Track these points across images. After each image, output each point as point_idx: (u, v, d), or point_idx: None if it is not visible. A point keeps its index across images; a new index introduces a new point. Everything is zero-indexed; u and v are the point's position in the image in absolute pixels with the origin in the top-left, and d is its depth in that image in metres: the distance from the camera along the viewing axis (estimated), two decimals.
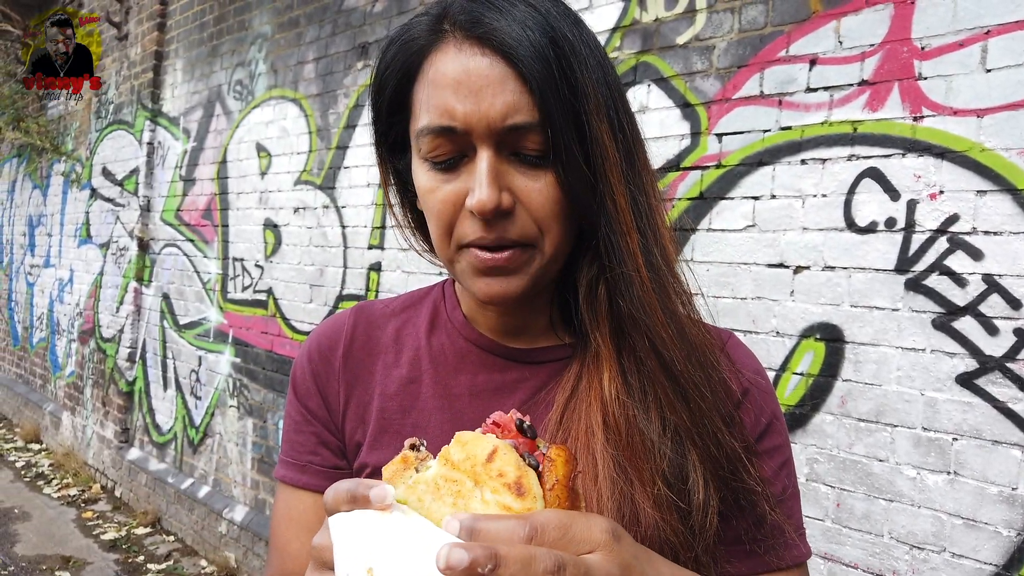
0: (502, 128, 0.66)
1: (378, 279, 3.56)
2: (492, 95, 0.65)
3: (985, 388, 1.76)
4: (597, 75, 0.69)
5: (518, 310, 0.79)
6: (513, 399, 0.78)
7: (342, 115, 3.78)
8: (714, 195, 2.28)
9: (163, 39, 5.43)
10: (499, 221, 0.68)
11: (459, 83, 0.66)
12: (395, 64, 0.72)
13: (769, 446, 0.77)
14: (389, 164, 0.81)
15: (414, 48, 0.71)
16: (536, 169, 0.68)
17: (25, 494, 5.56)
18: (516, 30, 0.65)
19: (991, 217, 1.76)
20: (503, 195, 0.67)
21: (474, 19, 0.67)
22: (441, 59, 0.68)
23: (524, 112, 0.66)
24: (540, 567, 0.45)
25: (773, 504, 0.73)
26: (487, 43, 0.66)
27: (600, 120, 0.68)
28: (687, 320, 0.73)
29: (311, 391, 0.84)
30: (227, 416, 4.50)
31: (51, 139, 7.01)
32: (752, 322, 2.18)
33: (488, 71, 0.66)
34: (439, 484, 0.51)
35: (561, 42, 0.67)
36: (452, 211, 0.70)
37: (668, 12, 2.42)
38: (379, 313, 0.88)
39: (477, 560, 0.44)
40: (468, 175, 0.68)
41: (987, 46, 1.77)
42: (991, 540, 1.74)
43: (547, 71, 0.65)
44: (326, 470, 0.83)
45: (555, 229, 0.70)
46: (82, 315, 6.25)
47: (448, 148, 0.68)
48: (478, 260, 0.70)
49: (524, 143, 0.67)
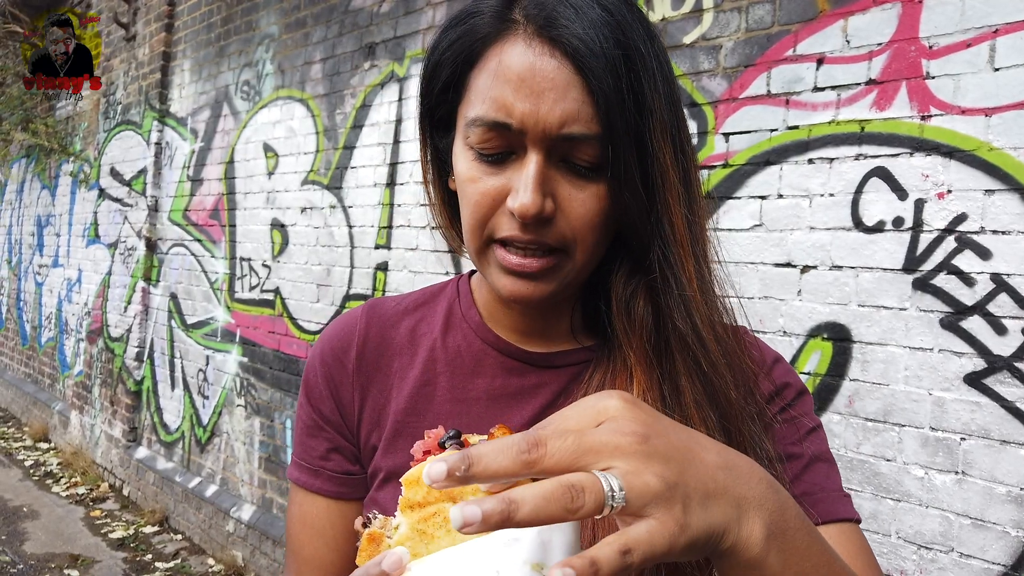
0: (557, 135, 0.64)
1: (385, 279, 3.57)
2: (553, 100, 0.63)
3: (993, 388, 1.75)
4: (664, 91, 0.67)
5: (539, 312, 0.78)
6: (532, 404, 0.77)
7: (349, 115, 3.79)
8: (721, 194, 2.28)
9: (171, 40, 5.45)
10: (537, 225, 0.66)
11: (522, 80, 0.64)
12: (456, 47, 0.69)
13: (793, 415, 0.76)
14: (430, 141, 0.79)
15: (479, 34, 0.68)
16: (583, 179, 0.66)
17: (34, 493, 5.59)
18: (591, 36, 0.62)
19: (999, 216, 1.76)
20: (547, 201, 0.65)
21: (548, 16, 0.64)
22: (508, 51, 0.65)
23: (582, 123, 0.64)
24: (512, 450, 0.42)
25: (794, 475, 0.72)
26: (558, 45, 0.63)
27: (664, 140, 0.66)
28: (738, 346, 0.72)
29: (324, 395, 0.82)
30: (234, 415, 4.52)
31: (59, 140, 7.05)
32: (759, 322, 2.17)
33: (554, 74, 0.63)
34: (420, 529, 0.49)
35: (634, 55, 0.64)
36: (491, 204, 0.68)
37: (675, 11, 2.42)
38: (391, 311, 0.85)
39: (453, 465, 0.42)
40: (513, 173, 0.67)
41: (995, 45, 1.77)
42: (999, 540, 1.73)
43: (616, 84, 0.63)
44: (339, 476, 0.82)
45: (589, 239, 0.68)
46: (90, 315, 6.28)
47: (498, 143, 0.67)
48: (506, 262, 0.69)
49: (577, 153, 0.65)
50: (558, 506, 0.41)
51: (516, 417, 0.76)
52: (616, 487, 0.42)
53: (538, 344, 0.79)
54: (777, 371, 0.79)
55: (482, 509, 0.40)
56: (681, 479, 0.44)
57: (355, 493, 0.82)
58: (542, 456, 0.43)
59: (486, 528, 0.40)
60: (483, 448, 0.43)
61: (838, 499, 0.72)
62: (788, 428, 0.75)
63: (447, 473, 0.42)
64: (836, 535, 0.69)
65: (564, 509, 0.41)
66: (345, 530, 0.83)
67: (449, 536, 0.48)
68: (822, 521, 0.70)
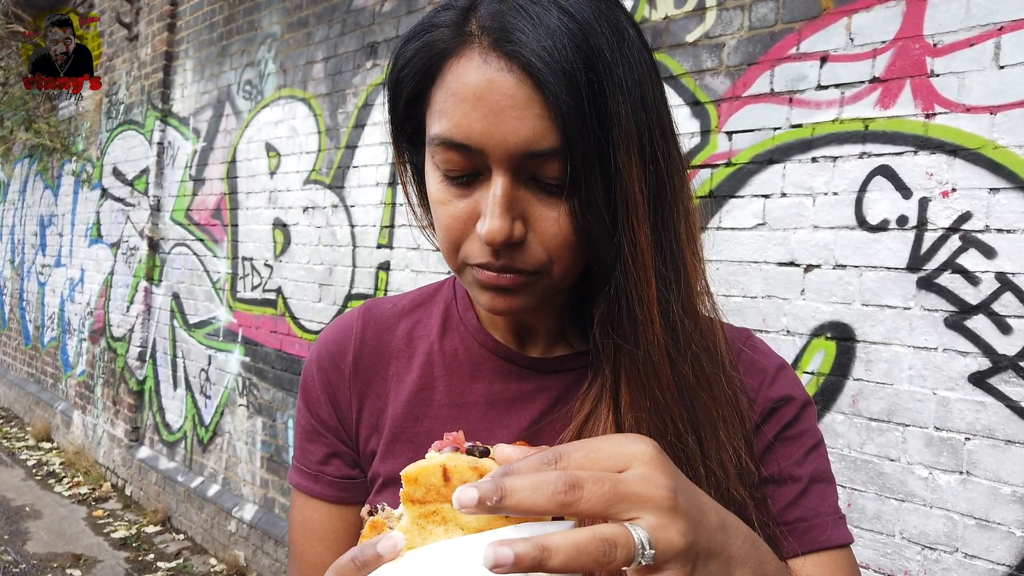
0: (521, 153, 0.61)
1: (387, 278, 3.56)
2: (514, 118, 0.60)
3: (998, 387, 1.75)
4: (634, 98, 0.62)
5: (531, 313, 0.75)
6: (530, 410, 0.76)
7: (351, 114, 3.79)
8: (724, 193, 2.27)
9: (173, 40, 5.46)
10: (508, 250, 0.64)
11: (479, 99, 0.61)
12: (415, 61, 0.67)
13: (794, 432, 0.75)
14: (406, 157, 0.77)
15: (436, 48, 0.65)
16: (554, 197, 0.63)
17: (36, 492, 5.59)
18: (548, 47, 0.59)
19: (1004, 215, 1.75)
20: (515, 225, 0.63)
21: (503, 28, 0.61)
22: (464, 67, 0.62)
23: (546, 139, 0.60)
24: (549, 489, 0.43)
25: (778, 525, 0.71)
26: (514, 59, 0.60)
27: (629, 153, 0.62)
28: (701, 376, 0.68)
29: (321, 400, 0.81)
30: (236, 415, 4.52)
31: (62, 140, 7.05)
32: (762, 321, 2.17)
33: (513, 91, 0.60)
34: (420, 524, 0.50)
35: (596, 62, 0.60)
36: (462, 228, 0.66)
37: (678, 10, 2.41)
38: (388, 313, 0.84)
39: (484, 495, 0.42)
40: (481, 193, 0.64)
41: (1000, 43, 1.76)
42: (1004, 540, 1.72)
43: (575, 98, 0.59)
44: (338, 480, 0.81)
45: (566, 259, 0.66)
46: (93, 314, 6.29)
47: (462, 164, 0.64)
48: (482, 276, 0.66)
49: (544, 171, 0.62)
50: (591, 559, 0.42)
51: (514, 422, 0.76)
52: (646, 544, 0.43)
53: (536, 348, 0.78)
54: (780, 382, 0.77)
55: (515, 552, 0.41)
56: (696, 538, 0.46)
57: (355, 497, 0.82)
58: (578, 500, 0.43)
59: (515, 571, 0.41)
60: (518, 482, 0.43)
61: (833, 524, 0.73)
62: (790, 447, 0.74)
63: (478, 501, 0.42)
64: (829, 563, 0.71)
65: (596, 561, 0.42)
66: (347, 534, 0.82)
67: (447, 534, 0.50)
68: (817, 549, 0.71)
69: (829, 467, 0.77)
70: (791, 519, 0.71)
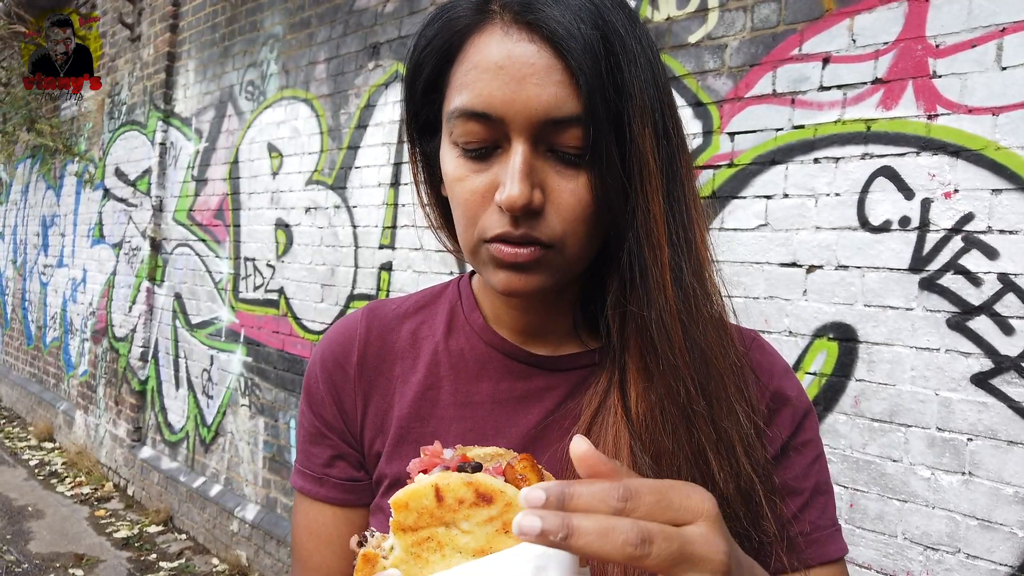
0: (542, 121, 0.62)
1: (389, 279, 3.57)
2: (535, 85, 0.62)
3: (1000, 388, 1.75)
4: (646, 75, 0.65)
5: (540, 310, 0.76)
6: (538, 408, 0.75)
7: (353, 115, 3.79)
8: (726, 194, 2.27)
9: (175, 40, 5.46)
10: (527, 218, 0.64)
11: (501, 68, 0.62)
12: (436, 42, 0.68)
13: (798, 442, 0.75)
14: (418, 145, 0.77)
15: (458, 26, 0.66)
16: (572, 168, 0.64)
17: (39, 492, 5.60)
18: (568, 19, 0.61)
19: (1007, 216, 1.75)
20: (535, 192, 0.63)
21: (525, 2, 0.63)
22: (486, 41, 0.64)
23: (567, 105, 0.62)
24: (620, 539, 0.42)
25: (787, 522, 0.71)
26: (536, 30, 0.62)
27: (643, 124, 0.64)
28: (713, 343, 0.68)
29: (326, 402, 0.81)
30: (239, 415, 4.52)
31: (64, 140, 7.06)
32: (765, 322, 2.17)
33: (535, 59, 0.62)
34: (415, 552, 0.49)
35: (612, 37, 0.63)
36: (479, 202, 0.66)
37: (680, 11, 2.41)
38: (392, 314, 0.83)
39: (548, 529, 0.41)
40: (500, 167, 0.65)
41: (1002, 44, 1.76)
42: (1006, 541, 1.72)
43: (595, 66, 0.61)
44: (344, 483, 0.80)
45: (580, 232, 0.66)
46: (95, 315, 6.30)
47: (481, 136, 0.65)
48: (499, 253, 0.66)
49: (563, 139, 0.63)
50: None
51: (522, 421, 0.75)
52: None
53: (543, 346, 0.78)
54: (785, 385, 0.77)
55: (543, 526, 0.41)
56: None
57: (361, 500, 0.81)
58: (647, 555, 0.42)
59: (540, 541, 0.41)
60: (586, 523, 0.42)
61: (831, 536, 0.75)
62: (793, 459, 0.74)
63: (540, 532, 0.42)
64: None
65: None
66: None
67: (444, 561, 0.48)
68: (817, 564, 0.73)
69: (829, 476, 0.78)
70: (793, 533, 0.72)
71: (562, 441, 0.71)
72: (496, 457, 0.56)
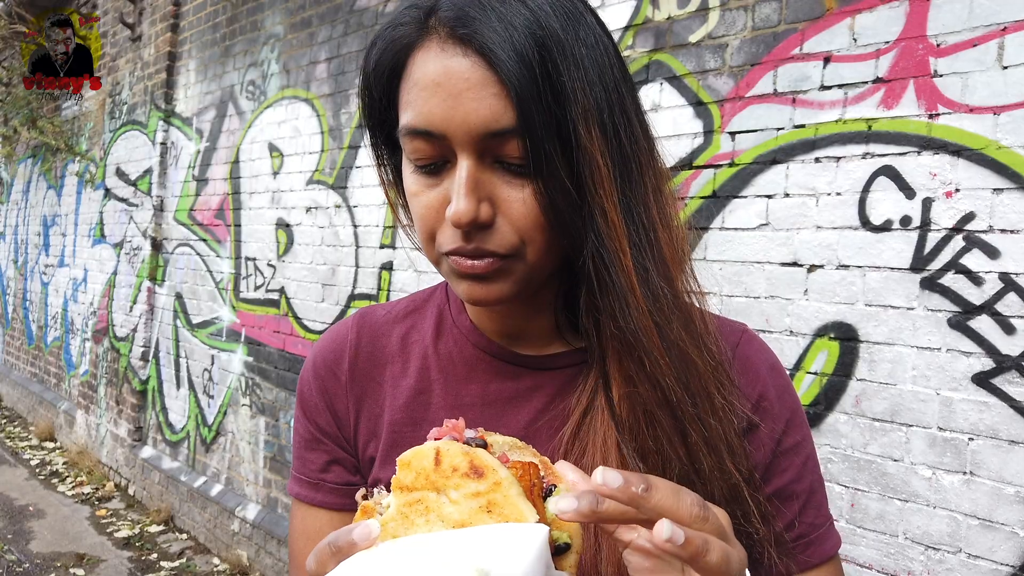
0: (481, 135, 0.62)
1: (390, 278, 3.57)
2: (472, 99, 0.62)
3: (1001, 387, 1.75)
4: (591, 76, 0.64)
5: (518, 313, 0.76)
6: (528, 408, 0.75)
7: (354, 115, 3.79)
8: (727, 193, 2.27)
9: (176, 40, 5.46)
10: (478, 232, 0.64)
11: (438, 85, 0.63)
12: (383, 60, 0.68)
13: (790, 443, 0.75)
14: (387, 161, 0.78)
15: (399, 45, 0.67)
16: (519, 178, 0.64)
17: (40, 492, 5.61)
18: (499, 29, 0.61)
19: (1008, 215, 1.75)
20: (481, 206, 0.63)
21: (459, 17, 0.63)
22: (424, 57, 0.64)
23: (504, 118, 0.61)
24: (688, 499, 0.49)
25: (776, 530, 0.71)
26: (469, 43, 0.62)
27: (589, 127, 0.63)
28: (691, 341, 0.68)
29: (319, 408, 0.82)
30: (239, 415, 4.52)
31: (65, 139, 7.07)
32: (765, 321, 2.17)
33: (469, 73, 0.62)
34: (404, 512, 0.50)
35: (548, 42, 0.62)
36: (434, 217, 0.67)
37: (681, 10, 2.41)
38: (382, 320, 0.85)
39: (631, 480, 0.48)
40: (450, 181, 0.65)
41: (1003, 43, 1.76)
42: (1008, 541, 1.72)
43: (528, 75, 0.60)
44: (339, 487, 0.81)
45: (538, 240, 0.66)
46: (96, 314, 6.30)
47: (429, 152, 0.65)
48: (458, 265, 0.67)
49: (506, 151, 0.63)
50: None
51: (512, 421, 0.75)
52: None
53: (530, 347, 0.78)
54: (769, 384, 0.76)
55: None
56: None
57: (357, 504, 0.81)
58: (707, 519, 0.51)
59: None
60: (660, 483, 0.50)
61: (826, 535, 0.75)
62: (786, 462, 0.74)
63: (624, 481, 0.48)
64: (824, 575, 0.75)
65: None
66: None
67: (427, 526, 0.50)
68: (815, 564, 0.74)
69: (820, 471, 0.77)
70: (792, 537, 0.72)
71: (552, 441, 0.72)
72: (515, 448, 0.58)
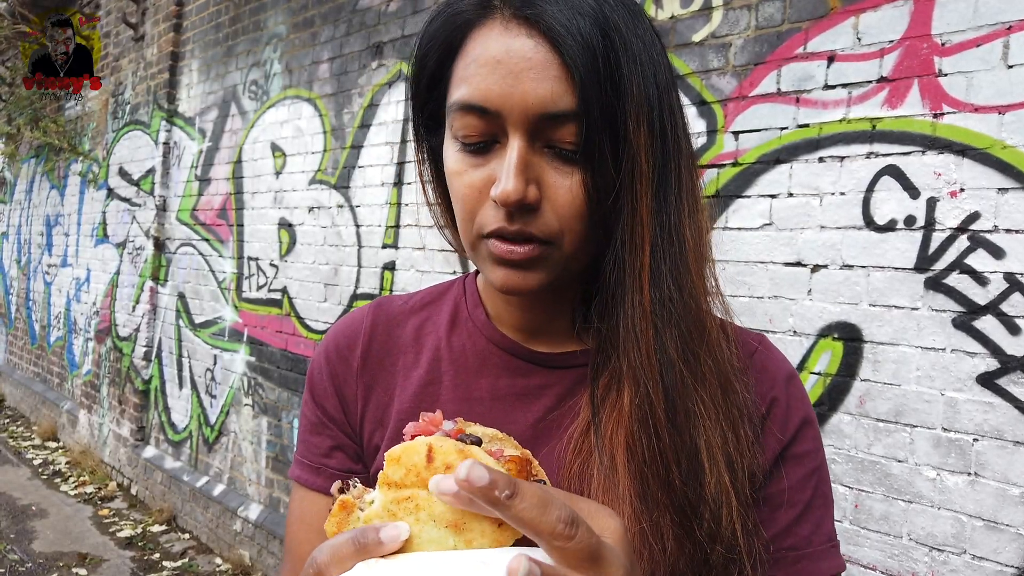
0: (538, 115, 0.62)
1: (392, 278, 3.56)
2: (532, 79, 0.62)
3: (1006, 388, 1.74)
4: (646, 73, 0.64)
5: (540, 308, 0.76)
6: (537, 405, 0.75)
7: (356, 114, 3.79)
8: (730, 193, 2.26)
9: (179, 40, 5.47)
10: (522, 214, 0.64)
11: (499, 62, 0.63)
12: (439, 36, 0.69)
13: (796, 453, 0.73)
14: (425, 141, 0.78)
15: (459, 21, 0.67)
16: (568, 164, 0.64)
17: (42, 491, 5.61)
18: (567, 15, 0.62)
19: (1013, 215, 1.74)
20: (529, 188, 0.63)
21: None
22: (485, 35, 0.65)
23: (563, 101, 0.62)
24: (555, 514, 0.45)
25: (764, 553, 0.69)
26: (535, 25, 0.63)
27: (638, 123, 0.64)
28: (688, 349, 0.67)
29: (328, 392, 0.82)
30: (242, 415, 4.52)
31: (68, 139, 7.07)
32: (769, 321, 2.16)
33: (532, 54, 0.62)
34: (392, 510, 0.49)
35: (612, 34, 0.63)
36: (477, 197, 0.67)
37: (684, 10, 2.40)
38: (398, 310, 0.85)
39: (496, 482, 0.44)
40: (498, 162, 0.65)
41: (1008, 42, 1.75)
42: (1013, 542, 1.71)
43: (592, 62, 0.61)
44: (341, 473, 0.80)
45: (577, 229, 0.66)
46: (99, 314, 6.30)
47: (479, 129, 0.65)
48: (497, 250, 0.66)
49: (559, 135, 0.63)
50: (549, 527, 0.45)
51: (520, 418, 0.75)
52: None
53: (544, 344, 0.78)
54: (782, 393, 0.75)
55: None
56: None
57: None
58: (572, 537, 0.46)
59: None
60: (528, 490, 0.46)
61: (825, 553, 0.71)
62: (788, 469, 0.72)
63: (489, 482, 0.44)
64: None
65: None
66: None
67: (416, 525, 0.48)
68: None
69: (829, 488, 0.75)
70: (783, 546, 0.70)
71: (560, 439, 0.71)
72: (496, 440, 0.56)
